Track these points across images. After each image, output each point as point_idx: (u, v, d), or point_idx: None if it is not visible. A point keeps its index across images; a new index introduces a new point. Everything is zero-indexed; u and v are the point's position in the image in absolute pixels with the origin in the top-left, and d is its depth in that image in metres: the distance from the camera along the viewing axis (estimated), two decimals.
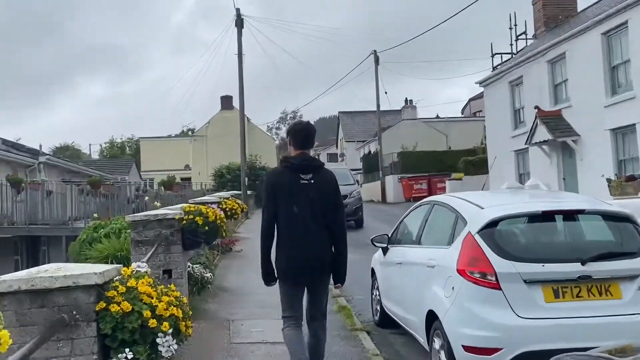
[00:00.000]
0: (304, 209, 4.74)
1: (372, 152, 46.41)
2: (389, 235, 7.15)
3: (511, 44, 25.41)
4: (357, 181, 23.80)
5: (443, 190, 29.17)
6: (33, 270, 3.47)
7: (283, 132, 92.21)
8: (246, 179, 29.84)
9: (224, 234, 9.08)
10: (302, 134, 4.99)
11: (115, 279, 3.52)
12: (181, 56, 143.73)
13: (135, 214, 7.98)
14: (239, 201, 14.33)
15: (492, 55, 25.85)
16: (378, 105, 38.68)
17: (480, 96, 37.58)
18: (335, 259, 4.96)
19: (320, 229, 4.81)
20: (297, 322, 4.79)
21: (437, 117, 57.24)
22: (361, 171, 47.60)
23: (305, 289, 4.89)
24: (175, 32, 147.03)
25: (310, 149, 5.17)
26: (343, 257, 5.05)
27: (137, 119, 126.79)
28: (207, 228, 7.38)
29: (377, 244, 7.28)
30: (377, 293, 7.44)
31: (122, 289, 3.38)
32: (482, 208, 5.14)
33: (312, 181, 4.77)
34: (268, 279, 4.82)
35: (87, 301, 3.29)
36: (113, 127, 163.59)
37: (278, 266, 4.77)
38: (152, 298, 3.40)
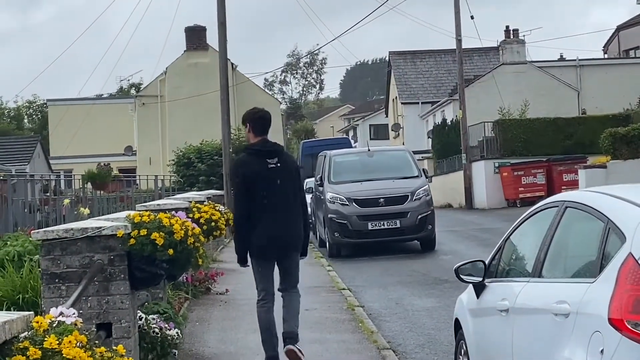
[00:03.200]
0: (275, 191, 8.47)
1: (447, 121, 46.53)
2: (486, 263, 7.11)
3: None
4: (424, 171, 23.69)
5: (575, 184, 28.96)
6: None
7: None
8: (228, 170, 29.90)
9: (199, 263, 9.12)
10: (260, 121, 8.81)
11: (21, 336, 3.56)
12: None
13: (48, 229, 7.92)
14: (221, 207, 14.36)
15: None
16: (459, 41, 38.66)
17: (637, 22, 36.91)
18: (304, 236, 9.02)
19: (292, 209, 8.65)
20: (269, 300, 8.79)
21: (562, 58, 56.65)
22: (429, 154, 47.40)
23: (276, 264, 8.82)
24: None
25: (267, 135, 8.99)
26: (307, 233, 9.32)
27: (45, 71, 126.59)
28: (171, 252, 7.43)
29: (465, 278, 7.26)
30: None
31: (34, 353, 3.42)
32: None
33: (279, 164, 8.50)
34: (243, 262, 8.90)
35: None
36: (3, 81, 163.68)
37: (252, 244, 8.61)
38: None
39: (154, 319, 8.66)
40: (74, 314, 4.51)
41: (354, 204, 19.86)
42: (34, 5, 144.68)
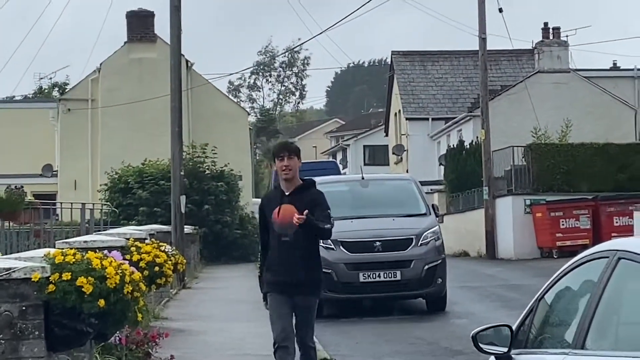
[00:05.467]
0: (287, 243, 10.67)
1: (465, 143, 46.35)
2: (513, 329, 7.13)
3: None
4: (434, 207, 23.62)
5: (629, 229, 29.06)
6: None
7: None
8: (184, 197, 29.92)
9: (137, 319, 9.14)
10: (277, 155, 10.98)
11: None
12: None
13: None
14: (167, 247, 14.37)
15: None
16: (483, 40, 38.89)
17: None
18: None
19: (308, 263, 10.89)
20: (289, 344, 10.28)
21: (615, 66, 57.15)
22: (441, 186, 47.55)
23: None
24: None
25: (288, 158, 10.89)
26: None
27: None
28: (102, 303, 7.44)
29: (486, 348, 7.27)
30: None
31: None
32: None
33: (288, 204, 10.47)
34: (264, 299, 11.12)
35: None
36: None
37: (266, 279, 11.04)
38: None
39: None
40: None
41: (341, 247, 19.20)
42: None
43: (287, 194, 10.91)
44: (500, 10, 39.05)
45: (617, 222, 31.79)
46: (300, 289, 10.85)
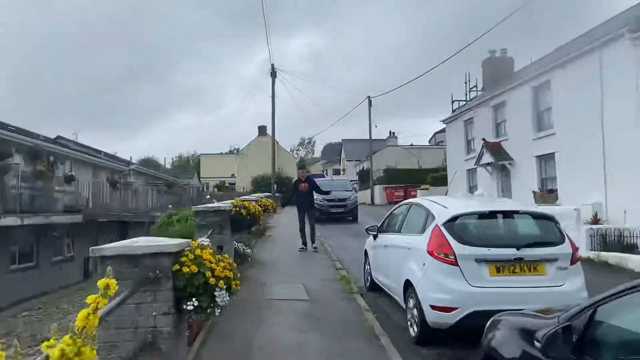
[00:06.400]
0: (303, 195, 10.96)
1: (365, 168, 45.63)
2: (378, 226, 7.13)
3: (466, 94, 25.48)
4: (355, 189, 23.51)
5: (415, 196, 28.79)
6: (127, 241, 3.48)
7: (298, 165, 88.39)
8: (275, 185, 29.79)
9: (259, 223, 9.10)
10: (302, 168, 12.11)
11: (186, 249, 3.54)
12: (240, 95, 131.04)
13: (198, 206, 7.84)
14: (270, 200, 14.34)
15: (452, 102, 25.93)
16: (370, 136, 38.31)
17: (443, 130, 37.27)
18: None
19: (309, 205, 11.12)
20: (302, 226, 11.12)
21: (411, 144, 56.80)
22: (357, 182, 47.28)
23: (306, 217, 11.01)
24: (240, 79, 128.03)
25: (303, 172, 11.45)
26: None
27: (199, 140, 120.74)
28: (248, 217, 7.40)
29: (369, 232, 7.26)
30: (368, 267, 7.40)
31: (190, 256, 3.40)
32: (446, 208, 5.13)
33: (306, 184, 10.98)
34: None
35: (167, 264, 3.32)
36: (182, 145, 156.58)
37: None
38: (212, 263, 3.42)
39: (240, 245, 8.60)
40: (208, 241, 4.50)
41: (325, 201, 18.21)
42: (200, 110, 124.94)
43: (302, 180, 11.10)
44: (376, 126, 38.93)
45: (412, 194, 31.34)
46: (308, 208, 11.10)
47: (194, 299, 3.26)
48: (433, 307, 4.53)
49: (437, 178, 30.72)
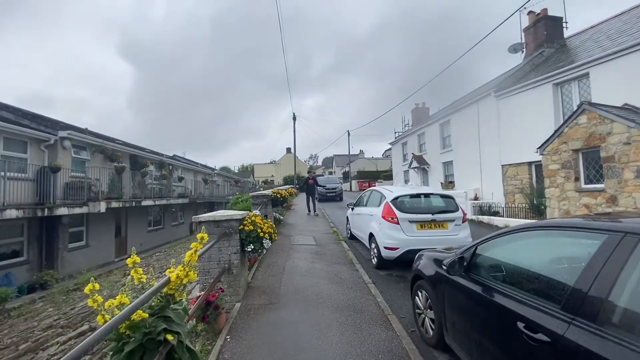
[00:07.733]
0: (311, 187, 9.98)
1: (347, 171, 43.80)
2: (354, 203, 7.08)
3: (402, 127, 25.26)
4: (341, 182, 23.13)
5: (374, 186, 27.73)
6: (212, 213, 3.51)
7: (308, 171, 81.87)
8: (296, 181, 29.23)
9: (287, 202, 8.99)
10: (308, 172, 11.25)
11: (246, 217, 3.55)
12: (277, 130, 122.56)
13: (253, 193, 7.82)
14: (293, 189, 14.05)
15: (395, 132, 25.81)
16: (349, 152, 37.19)
17: (390, 148, 36.47)
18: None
19: (314, 192, 10.04)
20: (310, 205, 9.83)
21: (372, 157, 56.07)
22: (342, 178, 46.13)
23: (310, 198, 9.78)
24: (277, 120, 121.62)
25: (311, 174, 10.14)
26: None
27: (253, 156, 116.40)
28: (281, 198, 7.31)
29: (349, 206, 7.19)
30: (349, 226, 7.32)
31: (249, 220, 3.40)
32: (392, 192, 5.10)
33: (312, 180, 9.99)
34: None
35: (235, 225, 3.34)
36: (244, 158, 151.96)
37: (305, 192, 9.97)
38: (261, 224, 3.42)
39: (277, 214, 8.47)
40: (259, 213, 4.47)
41: (324, 189, 16.72)
42: (255, 139, 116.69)
43: (310, 178, 10.26)
44: (352, 147, 36.81)
45: (373, 185, 30.69)
46: (313, 194, 10.23)
47: (251, 245, 3.30)
48: (386, 248, 4.54)
49: (387, 176, 30.33)
